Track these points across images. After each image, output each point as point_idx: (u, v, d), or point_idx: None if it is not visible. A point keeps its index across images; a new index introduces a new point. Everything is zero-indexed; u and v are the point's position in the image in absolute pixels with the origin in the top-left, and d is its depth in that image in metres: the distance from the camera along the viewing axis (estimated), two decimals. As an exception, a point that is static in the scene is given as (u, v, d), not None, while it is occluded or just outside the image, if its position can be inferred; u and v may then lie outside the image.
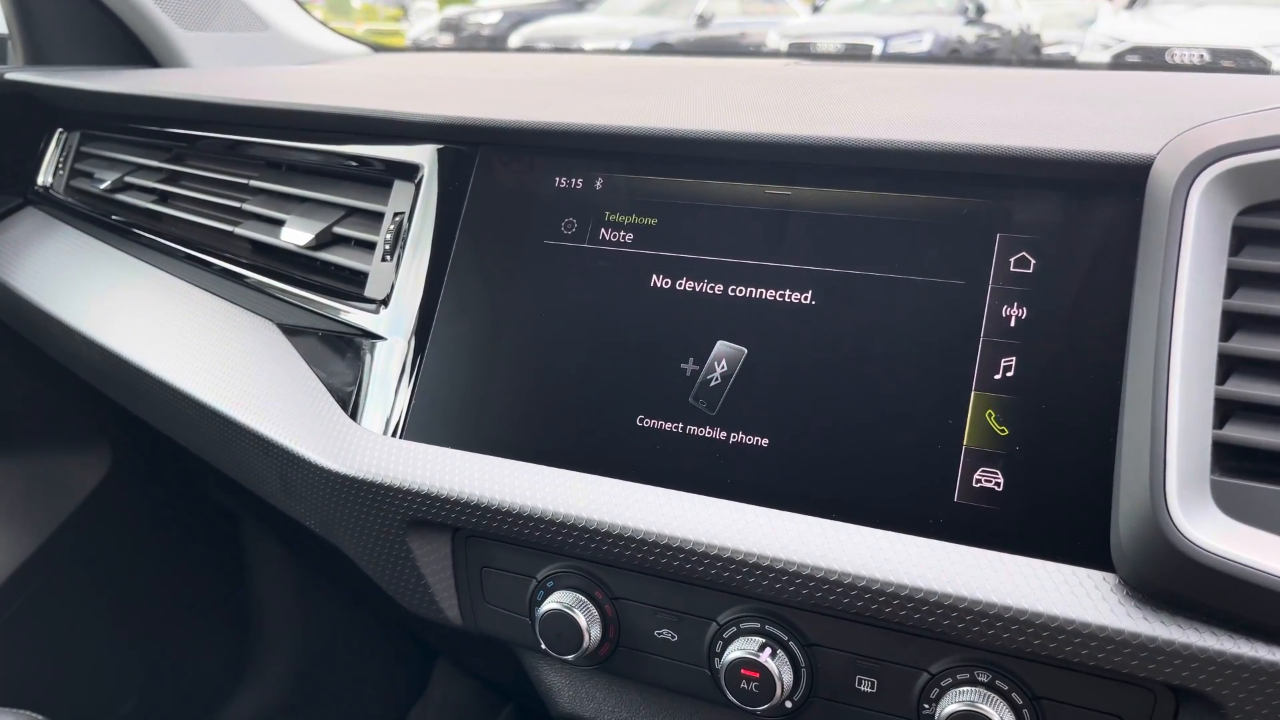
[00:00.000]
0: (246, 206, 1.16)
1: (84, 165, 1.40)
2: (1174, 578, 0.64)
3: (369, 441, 0.90)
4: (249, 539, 1.95)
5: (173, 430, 1.18)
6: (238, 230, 1.15)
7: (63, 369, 1.37)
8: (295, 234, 1.08)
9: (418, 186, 0.98)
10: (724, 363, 0.82)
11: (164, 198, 1.28)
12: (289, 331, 1.05)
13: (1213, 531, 0.64)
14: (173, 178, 1.28)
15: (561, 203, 0.91)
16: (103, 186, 1.35)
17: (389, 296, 0.96)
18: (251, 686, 1.98)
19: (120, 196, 1.33)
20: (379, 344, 0.95)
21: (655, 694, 0.93)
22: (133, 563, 1.77)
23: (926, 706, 0.75)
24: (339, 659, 2.08)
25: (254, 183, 1.17)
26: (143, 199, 1.30)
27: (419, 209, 0.97)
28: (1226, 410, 0.67)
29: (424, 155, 0.98)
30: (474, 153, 0.96)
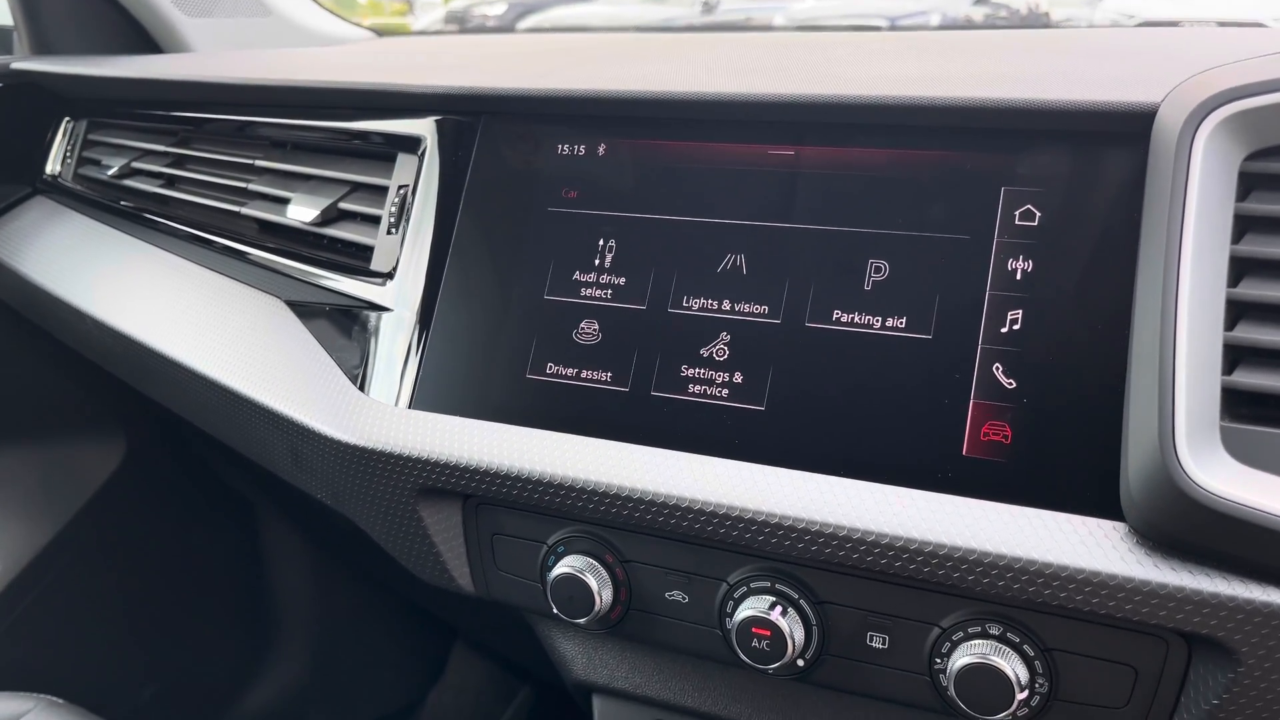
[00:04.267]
0: (252, 186, 1.16)
1: (91, 153, 1.41)
2: (1185, 524, 0.64)
3: (378, 412, 0.90)
4: (265, 525, 1.96)
5: (184, 409, 1.18)
6: (244, 210, 1.16)
7: (76, 358, 1.38)
8: (301, 211, 1.08)
9: (421, 159, 0.98)
10: (730, 324, 0.82)
11: (171, 181, 1.29)
12: (296, 308, 1.05)
13: (1223, 477, 0.63)
14: (179, 161, 1.29)
15: (564, 170, 0.91)
16: (110, 173, 1.35)
17: (395, 269, 0.96)
18: (269, 672, 1.99)
19: (127, 182, 1.33)
20: (386, 316, 0.95)
21: (668, 659, 0.93)
22: (149, 550, 1.78)
23: (938, 661, 0.75)
24: (356, 644, 2.08)
25: (259, 163, 1.17)
26: (150, 184, 1.30)
27: (422, 181, 0.97)
28: (1235, 356, 0.67)
29: (426, 127, 0.98)
30: (476, 123, 0.96)
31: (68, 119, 1.45)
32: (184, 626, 1.85)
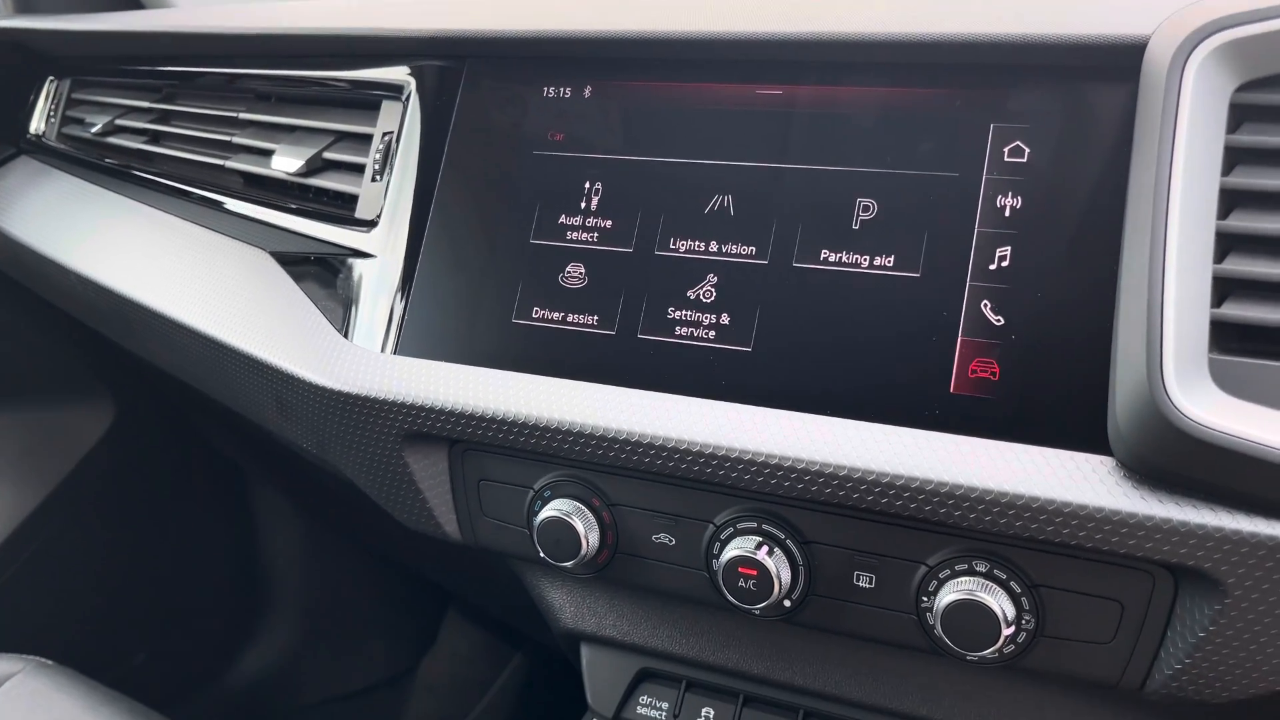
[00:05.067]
0: (236, 140, 1.15)
1: (75, 112, 1.39)
2: (1172, 456, 0.64)
3: (363, 358, 0.90)
4: (256, 491, 1.96)
5: (169, 364, 1.18)
6: (228, 163, 1.15)
7: (64, 322, 1.37)
8: (285, 162, 1.07)
9: (405, 104, 0.97)
10: (717, 265, 0.81)
11: (155, 138, 1.27)
12: (281, 258, 1.04)
13: (1210, 407, 0.63)
14: (163, 117, 1.27)
15: (550, 113, 0.90)
16: (94, 130, 1.34)
17: (379, 216, 0.95)
18: (261, 639, 1.99)
19: (112, 140, 1.32)
20: (370, 263, 0.94)
21: (655, 607, 0.93)
22: (139, 515, 1.77)
23: (925, 600, 0.74)
24: (348, 612, 2.08)
25: (243, 116, 1.16)
26: (134, 140, 1.29)
27: (407, 127, 0.96)
28: (1224, 289, 0.66)
29: (410, 73, 0.97)
30: (460, 66, 0.94)
31: (52, 78, 1.44)
32: (175, 592, 1.85)
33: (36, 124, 1.43)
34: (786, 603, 0.78)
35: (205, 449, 1.86)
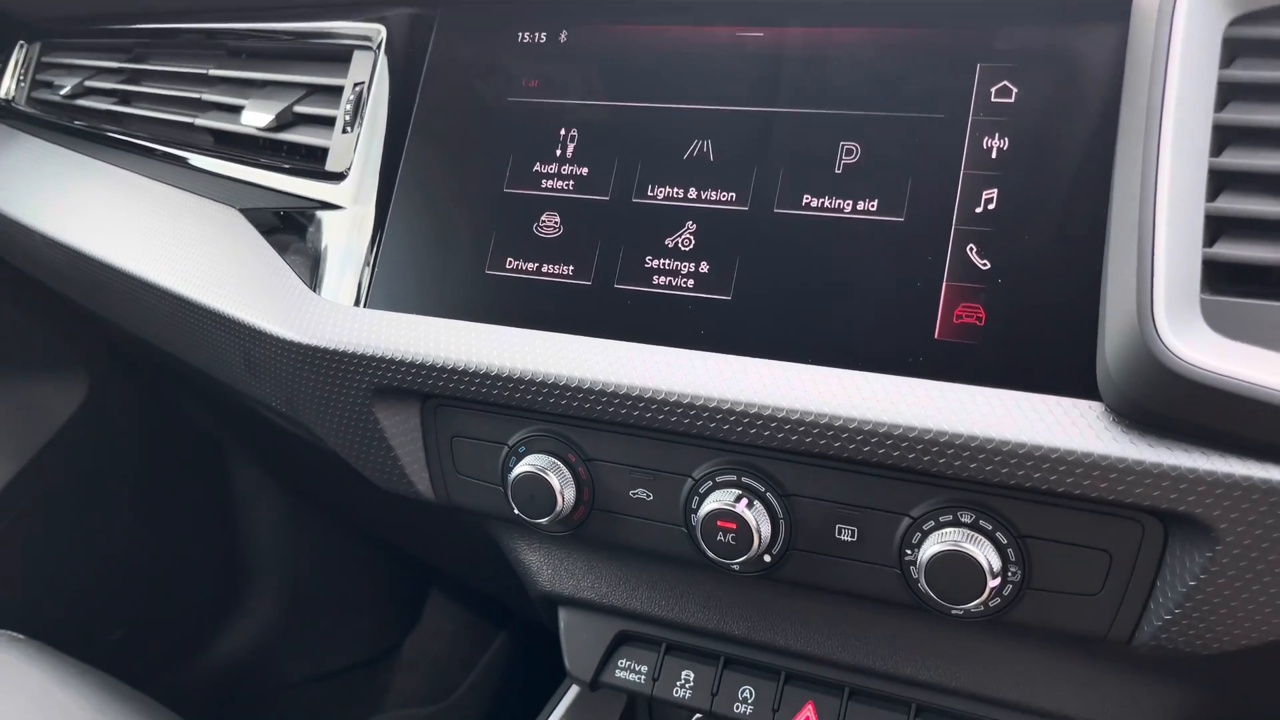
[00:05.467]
0: (206, 97, 1.12)
1: (45, 75, 1.36)
2: (1163, 398, 0.62)
3: (331, 311, 0.87)
4: (236, 469, 1.93)
5: (137, 325, 1.15)
6: (198, 121, 1.12)
7: (36, 294, 1.34)
8: (255, 116, 1.04)
9: (377, 54, 0.94)
10: (696, 213, 0.79)
11: (125, 98, 1.24)
12: (250, 214, 1.01)
13: (1201, 347, 0.61)
14: (134, 77, 1.24)
15: (525, 59, 0.87)
16: (63, 92, 1.31)
17: (349, 168, 0.93)
18: (241, 618, 1.97)
19: (82, 102, 1.29)
20: (340, 215, 0.92)
21: (634, 569, 0.91)
22: (116, 490, 1.74)
23: (909, 552, 0.72)
24: (330, 591, 2.06)
25: (213, 72, 1.13)
26: (104, 102, 1.26)
27: (378, 76, 0.93)
28: (1217, 228, 0.64)
29: (382, 22, 0.94)
30: (433, 13, 0.92)
31: (21, 42, 1.40)
32: (153, 569, 1.82)
33: (6, 88, 1.40)
34: (766, 558, 0.76)
35: (184, 424, 1.83)
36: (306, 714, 2.01)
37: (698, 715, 1.00)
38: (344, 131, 0.94)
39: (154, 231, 1.06)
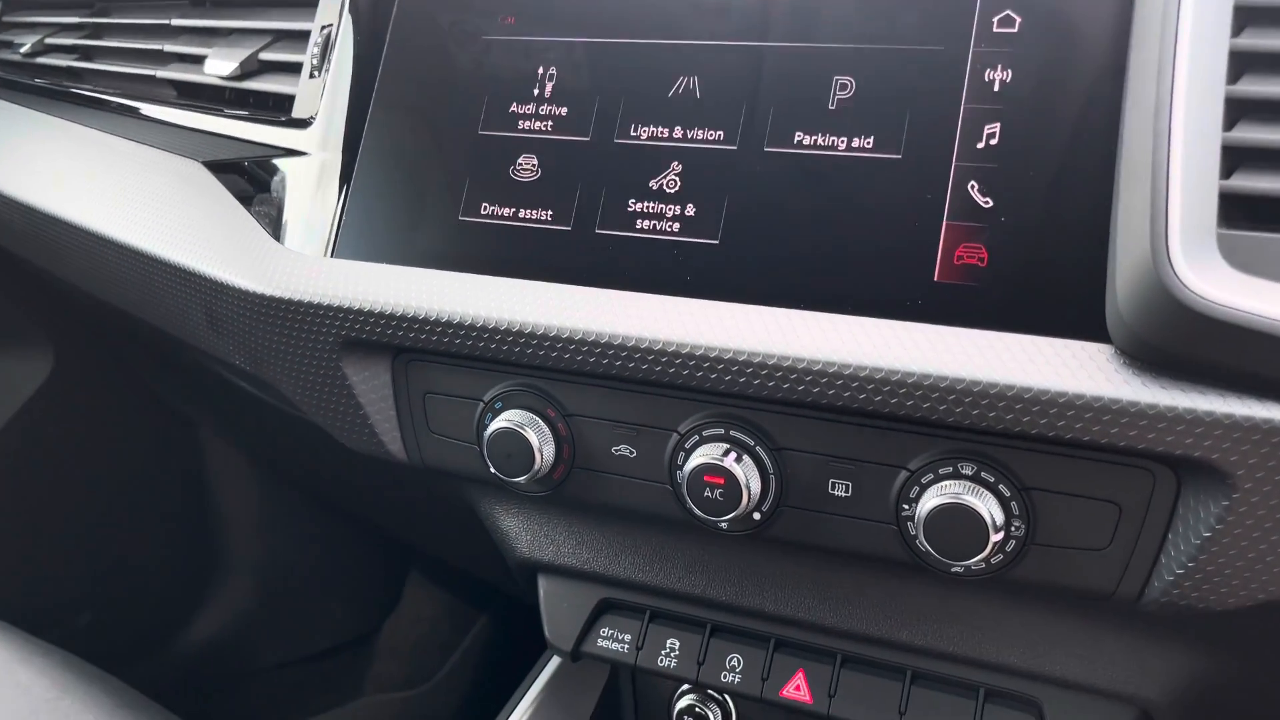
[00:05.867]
0: (169, 49, 1.07)
1: (4, 35, 1.31)
2: (1178, 336, 0.58)
3: (296, 262, 0.82)
4: (208, 448, 1.88)
5: (97, 286, 1.10)
6: (160, 74, 1.07)
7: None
8: (218, 65, 0.99)
9: (346, -8, 0.89)
10: (682, 153, 0.75)
11: (87, 54, 1.19)
12: (215, 167, 0.96)
13: (1219, 283, 0.57)
14: (95, 32, 1.20)
15: (502, -6, 0.82)
16: (23, 51, 1.26)
17: (317, 113, 0.88)
18: (214, 600, 1.92)
19: (43, 60, 1.24)
20: (306, 162, 0.87)
21: (615, 533, 0.87)
22: (83, 469, 1.69)
23: (906, 507, 0.68)
24: (306, 574, 2.01)
25: (176, 22, 1.08)
26: (65, 59, 1.21)
27: (347, 17, 0.88)
28: (1234, 159, 0.60)
29: (352, -41, 0.90)
30: (405, -51, 0.87)
31: (-21, 0, 1.35)
32: (123, 551, 1.76)
33: (-37, 48, 1.34)
34: (756, 515, 0.72)
35: (153, 401, 1.78)
36: (282, 700, 1.97)
37: (685, 686, 0.96)
38: (311, 77, 0.90)
39: (113, 187, 1.01)
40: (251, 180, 0.92)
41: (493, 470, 0.78)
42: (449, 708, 2.02)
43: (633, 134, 0.76)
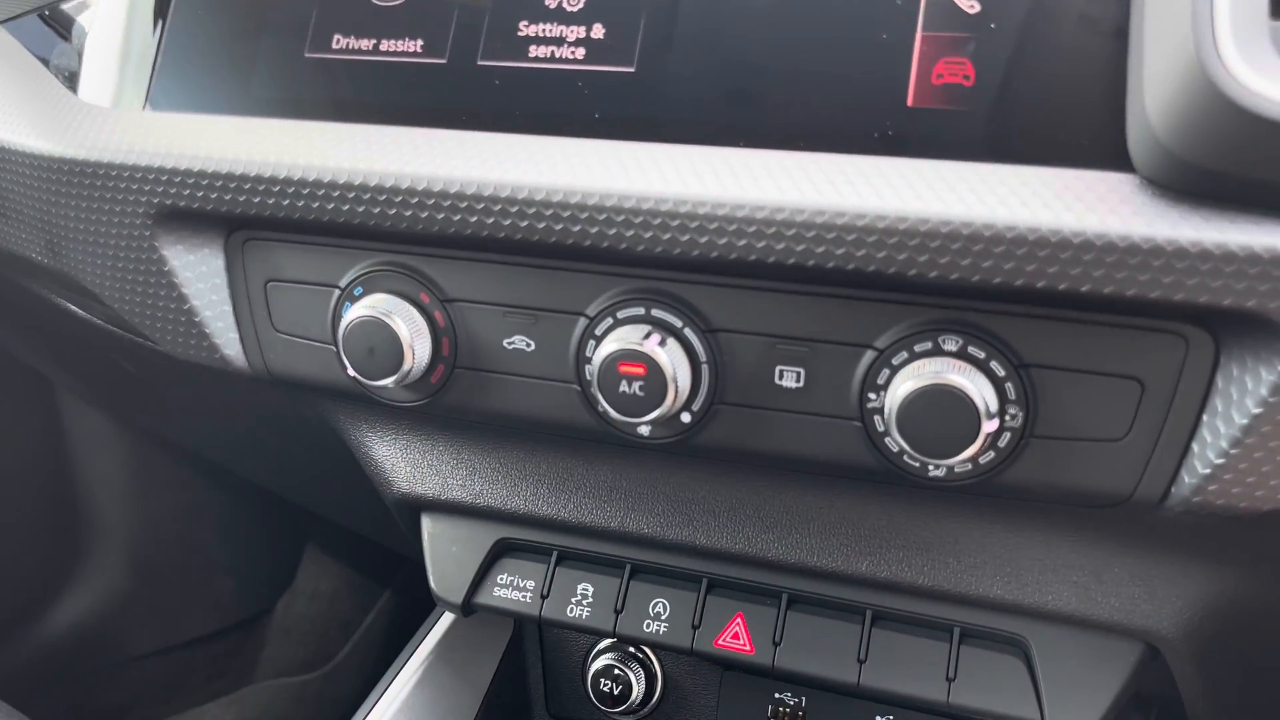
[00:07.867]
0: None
1: None
2: (1228, 147, 0.45)
3: (98, 116, 0.65)
4: (67, 409, 1.69)
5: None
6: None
7: None
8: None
9: None
10: (585, -38, 0.59)
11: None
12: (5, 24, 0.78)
13: (1278, 79, 0.44)
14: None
15: None
16: None
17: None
18: (82, 580, 1.75)
19: None
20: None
21: (512, 458, 0.71)
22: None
23: (873, 396, 0.54)
24: (186, 548, 1.85)
25: None
26: None
27: None
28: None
29: None
30: None
31: None
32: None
33: None
34: (685, 416, 0.58)
35: (4, 358, 1.58)
36: (161, 690, 1.82)
37: (601, 644, 0.81)
38: (125, -103, 0.72)
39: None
40: (42, 24, 0.75)
41: (351, 372, 0.61)
42: (352, 690, 1.89)
43: (524, -59, 0.60)
